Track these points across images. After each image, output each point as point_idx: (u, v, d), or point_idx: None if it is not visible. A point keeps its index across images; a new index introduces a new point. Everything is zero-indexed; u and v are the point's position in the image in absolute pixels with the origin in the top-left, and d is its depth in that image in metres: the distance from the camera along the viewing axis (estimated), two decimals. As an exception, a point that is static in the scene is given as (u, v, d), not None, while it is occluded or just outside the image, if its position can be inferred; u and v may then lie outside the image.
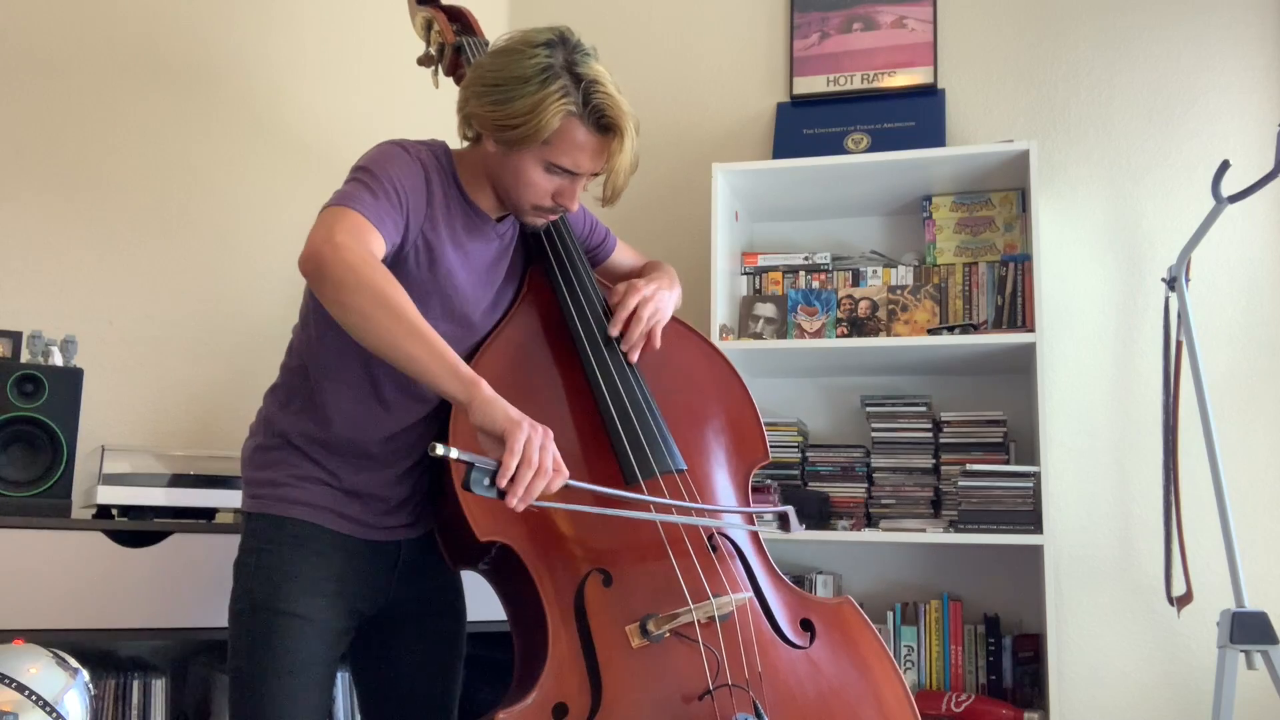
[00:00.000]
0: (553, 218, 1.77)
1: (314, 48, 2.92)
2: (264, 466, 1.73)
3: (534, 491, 1.40)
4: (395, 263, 1.64)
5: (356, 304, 1.43)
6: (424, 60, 2.21)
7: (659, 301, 1.83)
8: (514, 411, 1.42)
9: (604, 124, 1.64)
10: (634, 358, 1.79)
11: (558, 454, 1.44)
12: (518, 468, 1.38)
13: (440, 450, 1.33)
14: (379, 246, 1.53)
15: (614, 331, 1.78)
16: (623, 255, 2.03)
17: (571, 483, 1.45)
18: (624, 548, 1.65)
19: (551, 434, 1.44)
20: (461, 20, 2.17)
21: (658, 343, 1.83)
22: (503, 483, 1.39)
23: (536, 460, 1.39)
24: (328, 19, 2.96)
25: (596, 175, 1.70)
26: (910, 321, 2.83)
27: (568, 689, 1.54)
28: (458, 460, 1.35)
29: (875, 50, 3.10)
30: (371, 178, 1.60)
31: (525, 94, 1.60)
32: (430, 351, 1.43)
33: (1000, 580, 2.81)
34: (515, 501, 1.39)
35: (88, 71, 2.52)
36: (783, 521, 1.76)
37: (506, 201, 1.73)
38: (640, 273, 2.00)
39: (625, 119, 1.64)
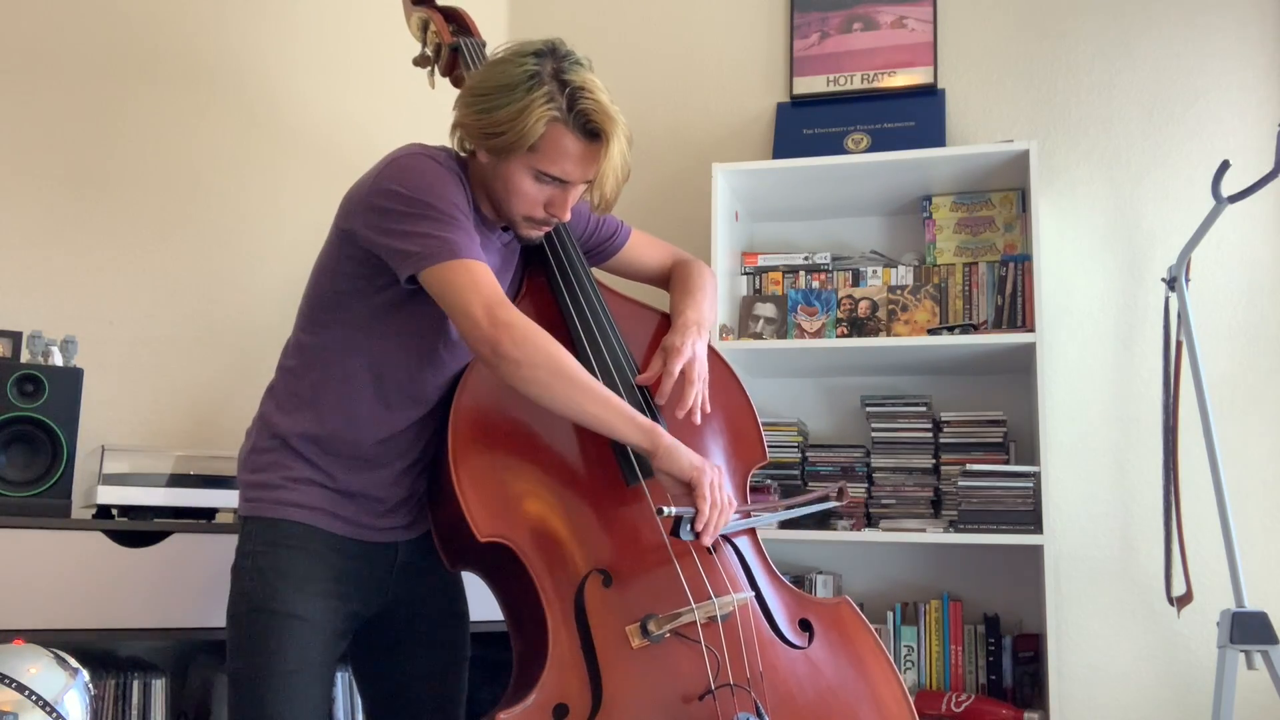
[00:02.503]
0: (546, 229, 1.76)
1: (312, 48, 2.92)
2: (259, 469, 1.73)
3: (720, 527, 1.60)
4: None
5: (537, 378, 1.56)
6: (420, 61, 2.21)
7: (701, 364, 1.79)
8: (695, 457, 1.59)
9: (590, 130, 1.63)
10: (697, 418, 1.77)
11: (730, 488, 1.62)
12: (710, 511, 1.57)
13: (668, 511, 1.56)
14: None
15: (661, 402, 1.75)
16: (642, 247, 1.99)
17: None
18: (624, 548, 1.65)
19: (723, 470, 1.64)
20: (458, 21, 2.17)
21: (709, 406, 1.80)
22: (700, 527, 1.58)
23: (720, 501, 1.59)
24: (325, 19, 2.96)
25: (591, 183, 1.69)
26: (910, 321, 2.83)
27: (568, 689, 1.54)
28: (675, 516, 1.57)
29: (875, 50, 3.10)
30: (445, 214, 1.60)
31: (510, 101, 1.60)
32: (611, 410, 1.58)
33: (1000, 580, 2.81)
34: (708, 539, 1.60)
35: (87, 72, 2.52)
36: (840, 493, 1.85)
37: (501, 213, 1.73)
38: (668, 275, 1.98)
39: (613, 125, 1.63)
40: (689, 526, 1.59)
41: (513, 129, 1.60)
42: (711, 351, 1.91)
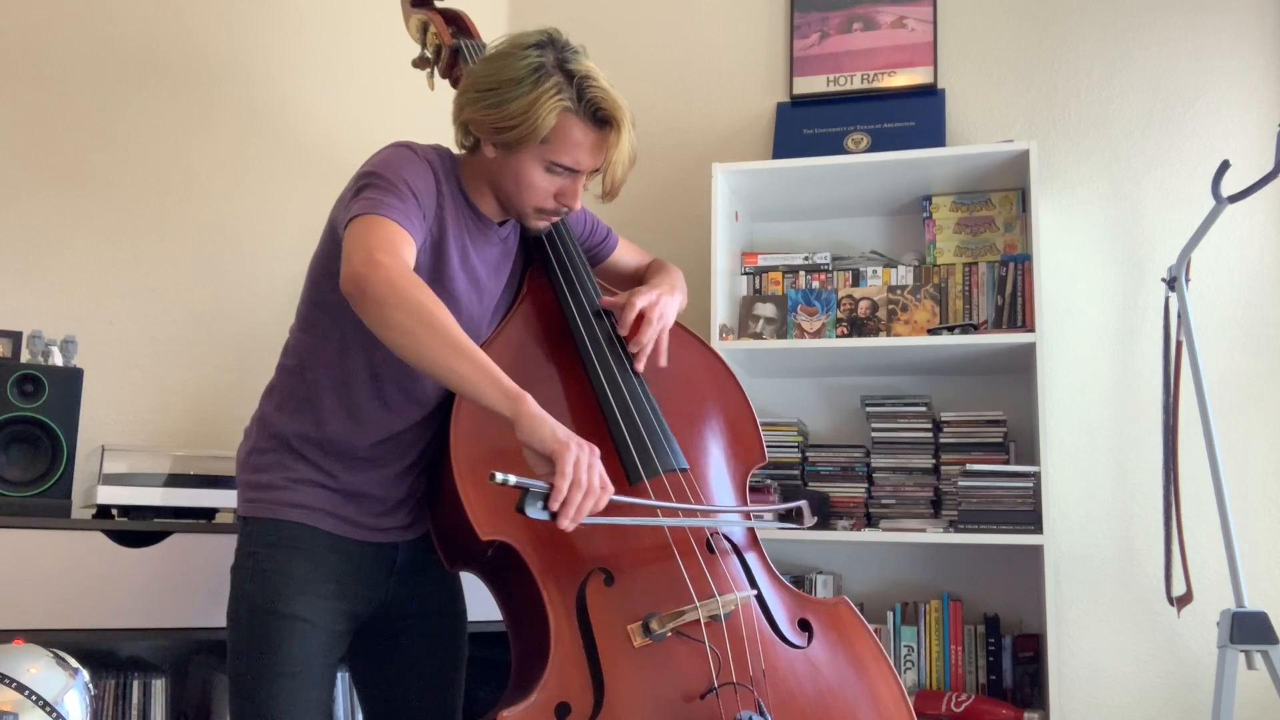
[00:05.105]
0: (555, 219, 1.77)
1: (311, 49, 2.92)
2: (259, 470, 1.72)
3: (584, 512, 1.43)
4: None
5: (399, 322, 1.45)
6: (419, 62, 2.21)
7: (663, 307, 1.82)
8: (561, 431, 1.44)
9: (600, 118, 1.64)
10: (640, 365, 1.78)
11: (603, 470, 1.46)
12: (569, 490, 1.40)
13: (499, 478, 1.36)
14: (412, 254, 1.55)
15: (624, 332, 1.78)
16: (625, 253, 2.02)
17: (617, 498, 1.48)
18: (626, 547, 1.65)
19: (598, 451, 1.46)
20: (458, 23, 2.18)
21: (664, 355, 1.82)
22: (554, 506, 1.41)
23: (585, 481, 1.42)
24: (325, 20, 2.96)
25: (597, 172, 1.70)
26: (910, 321, 2.82)
27: (570, 688, 1.54)
28: (514, 486, 1.38)
29: (875, 50, 3.10)
30: (388, 182, 1.60)
31: (519, 94, 1.61)
32: (475, 367, 1.45)
33: (1000, 580, 2.81)
34: (566, 523, 1.42)
35: (87, 72, 2.52)
36: (797, 515, 1.78)
37: (509, 206, 1.73)
38: (644, 273, 2.00)
39: (621, 112, 1.65)
40: (540, 504, 1.41)
41: (524, 122, 1.60)
42: (710, 351, 1.93)
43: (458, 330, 1.47)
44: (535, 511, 1.41)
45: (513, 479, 1.38)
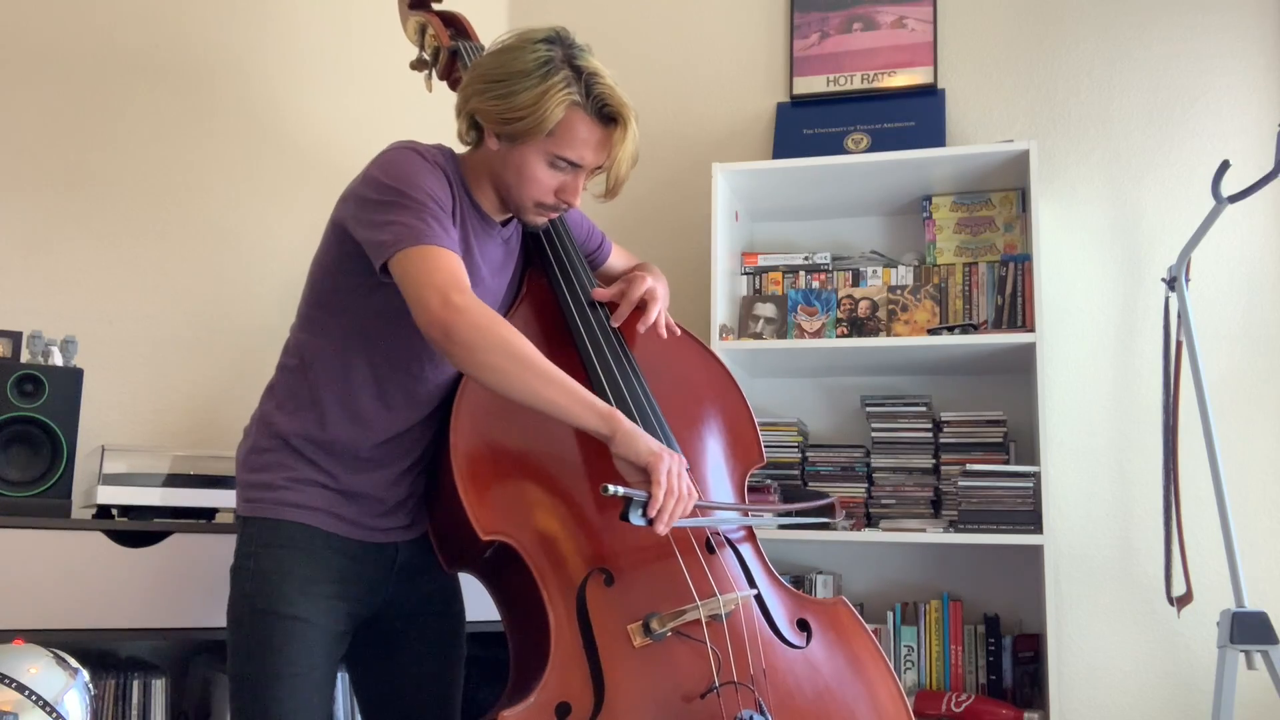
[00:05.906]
0: (554, 215, 1.77)
1: (311, 50, 2.92)
2: (259, 469, 1.72)
3: (676, 517, 1.53)
4: None
5: (490, 362, 1.52)
6: (417, 65, 2.21)
7: (660, 289, 1.87)
8: (654, 443, 1.54)
9: (607, 114, 1.65)
10: (663, 333, 1.85)
11: (688, 477, 1.56)
12: (664, 498, 1.51)
13: (610, 490, 1.48)
14: (468, 278, 1.59)
15: (616, 324, 1.81)
16: (616, 259, 2.04)
17: (700, 503, 1.61)
18: (625, 546, 1.65)
19: (686, 461, 1.58)
20: (456, 25, 2.18)
21: (676, 329, 1.87)
22: (652, 513, 1.52)
23: (677, 489, 1.52)
24: (324, 23, 2.96)
25: (598, 170, 1.70)
26: (910, 321, 2.82)
27: (570, 688, 1.54)
28: (621, 497, 1.50)
29: (875, 50, 3.10)
30: (417, 202, 1.60)
31: (528, 86, 1.61)
32: (568, 394, 1.53)
33: (1000, 580, 2.81)
34: (662, 527, 1.52)
35: (87, 72, 2.52)
36: (831, 510, 1.87)
37: (508, 200, 1.73)
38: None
39: (627, 110, 1.66)
40: (640, 512, 1.52)
41: (532, 114, 1.61)
42: (708, 352, 1.94)
43: (544, 360, 1.54)
44: (637, 518, 1.52)
45: (621, 490, 1.49)
